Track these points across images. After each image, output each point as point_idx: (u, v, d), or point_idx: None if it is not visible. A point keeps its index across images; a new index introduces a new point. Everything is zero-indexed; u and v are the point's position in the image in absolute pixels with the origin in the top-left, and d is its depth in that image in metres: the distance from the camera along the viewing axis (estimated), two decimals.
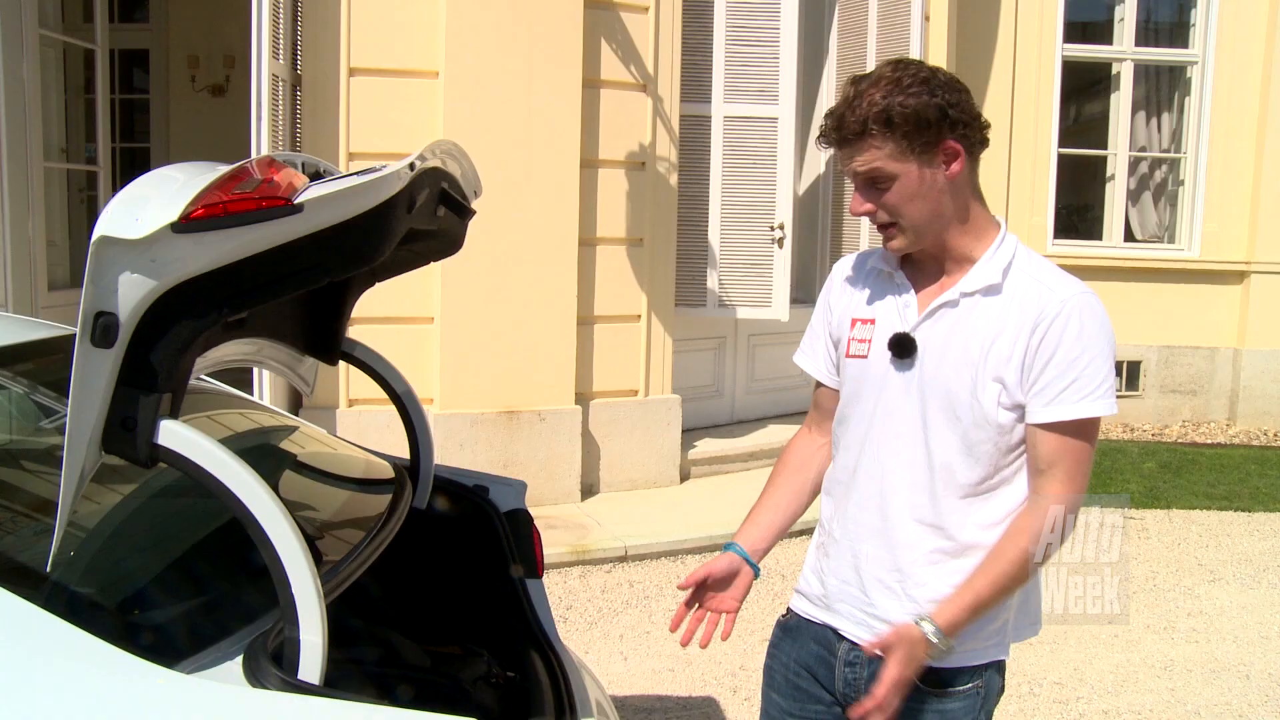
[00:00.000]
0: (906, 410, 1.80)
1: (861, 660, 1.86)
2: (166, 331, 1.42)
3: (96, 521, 1.68)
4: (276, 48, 5.23)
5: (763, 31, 6.33)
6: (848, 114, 1.73)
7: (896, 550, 1.81)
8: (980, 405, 1.74)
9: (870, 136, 1.71)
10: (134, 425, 1.42)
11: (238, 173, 1.44)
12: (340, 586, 1.67)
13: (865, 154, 1.72)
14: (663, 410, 6.20)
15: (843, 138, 1.74)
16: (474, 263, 5.59)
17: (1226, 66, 8.66)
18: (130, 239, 1.34)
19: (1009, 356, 1.73)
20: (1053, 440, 1.74)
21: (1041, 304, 1.74)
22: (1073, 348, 1.71)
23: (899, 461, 1.81)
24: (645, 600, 4.85)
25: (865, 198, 1.77)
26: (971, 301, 1.78)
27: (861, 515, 1.85)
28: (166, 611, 1.58)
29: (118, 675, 1.34)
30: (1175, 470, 7.39)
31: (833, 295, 1.97)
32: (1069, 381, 1.71)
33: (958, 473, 1.77)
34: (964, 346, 1.76)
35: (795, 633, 1.98)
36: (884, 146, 1.71)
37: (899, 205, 1.75)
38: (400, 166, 1.55)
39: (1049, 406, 1.72)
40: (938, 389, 1.77)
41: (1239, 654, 4.42)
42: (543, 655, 2.25)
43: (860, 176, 1.75)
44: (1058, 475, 1.74)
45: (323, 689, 1.44)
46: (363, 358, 2.38)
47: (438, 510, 2.39)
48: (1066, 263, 7.94)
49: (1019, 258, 1.81)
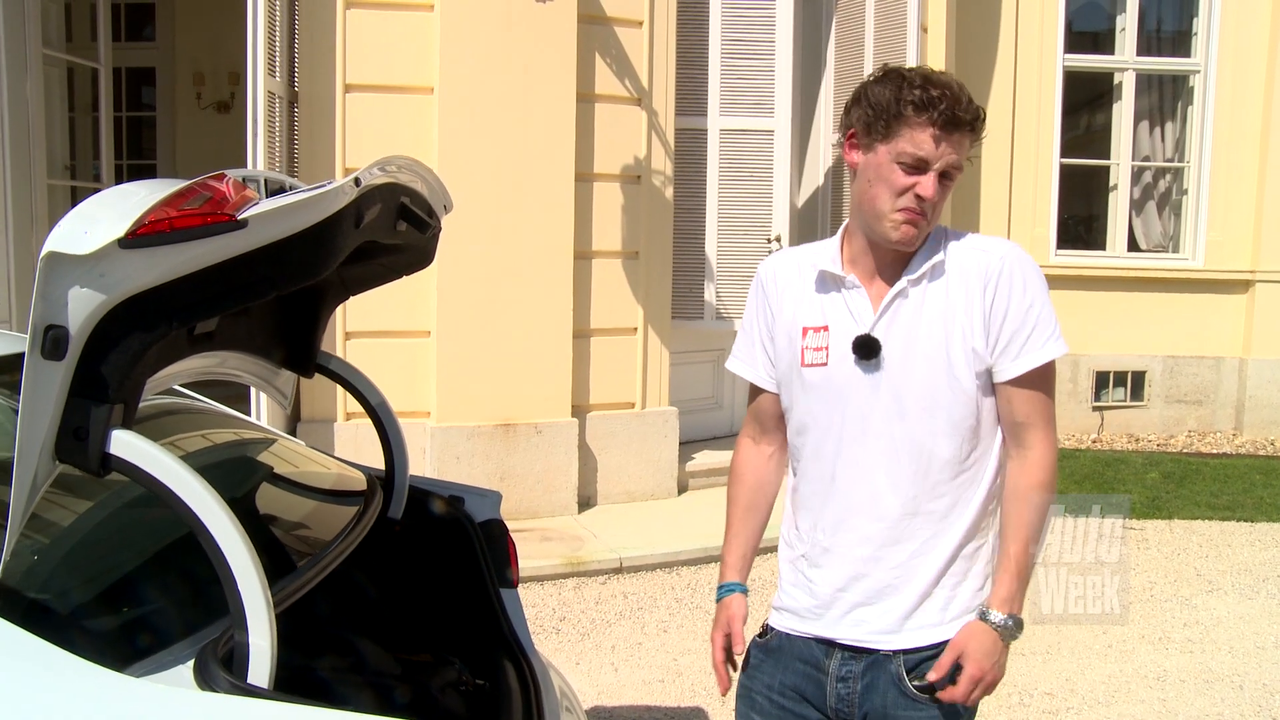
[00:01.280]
0: (880, 410, 1.81)
1: (854, 674, 1.85)
2: (117, 344, 1.46)
3: (51, 529, 1.72)
4: (273, 65, 5.30)
5: (758, 44, 6.37)
6: (970, 104, 1.74)
7: (895, 547, 1.82)
8: (960, 383, 1.78)
9: (974, 131, 1.75)
10: (86, 435, 1.46)
11: (187, 190, 1.47)
12: (297, 593, 1.70)
13: (964, 145, 1.75)
14: (659, 423, 6.22)
15: (959, 121, 1.73)
16: (470, 276, 5.65)
17: (1229, 75, 8.65)
18: (78, 254, 1.37)
19: (971, 325, 1.77)
20: (1024, 392, 1.80)
21: (984, 266, 1.79)
22: (1023, 298, 1.78)
23: (883, 461, 1.82)
24: (639, 612, 4.86)
25: (934, 185, 1.75)
26: (920, 289, 1.81)
27: (851, 521, 1.85)
28: (118, 617, 1.62)
29: (66, 678, 1.37)
30: (1178, 480, 7.36)
31: (770, 299, 1.94)
32: (1029, 330, 1.78)
33: (947, 454, 1.80)
34: (929, 332, 1.79)
35: (778, 653, 1.94)
36: (968, 142, 1.76)
37: (943, 198, 1.78)
38: (345, 182, 1.59)
39: (1018, 360, 1.78)
40: (911, 380, 1.79)
41: (1233, 664, 4.40)
42: (515, 664, 2.27)
43: (950, 165, 1.75)
44: (1037, 423, 1.81)
45: (271, 692, 1.46)
46: (338, 370, 2.41)
47: (414, 521, 2.42)
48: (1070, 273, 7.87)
49: (950, 236, 1.85)
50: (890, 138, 1.75)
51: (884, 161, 1.76)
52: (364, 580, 2.38)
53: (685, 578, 5.29)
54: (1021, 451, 1.82)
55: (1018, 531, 1.80)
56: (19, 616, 1.43)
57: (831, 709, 1.88)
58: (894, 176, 1.75)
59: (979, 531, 1.85)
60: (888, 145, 1.75)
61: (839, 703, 1.87)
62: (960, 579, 1.84)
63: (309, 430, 5.65)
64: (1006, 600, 1.79)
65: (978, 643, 1.78)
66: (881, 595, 1.84)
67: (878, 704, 1.83)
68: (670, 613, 4.86)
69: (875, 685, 1.84)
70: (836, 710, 1.88)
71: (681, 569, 5.37)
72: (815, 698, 1.89)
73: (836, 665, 1.87)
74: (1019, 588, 1.80)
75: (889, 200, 1.76)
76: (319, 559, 1.83)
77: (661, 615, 4.82)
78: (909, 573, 1.82)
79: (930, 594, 1.83)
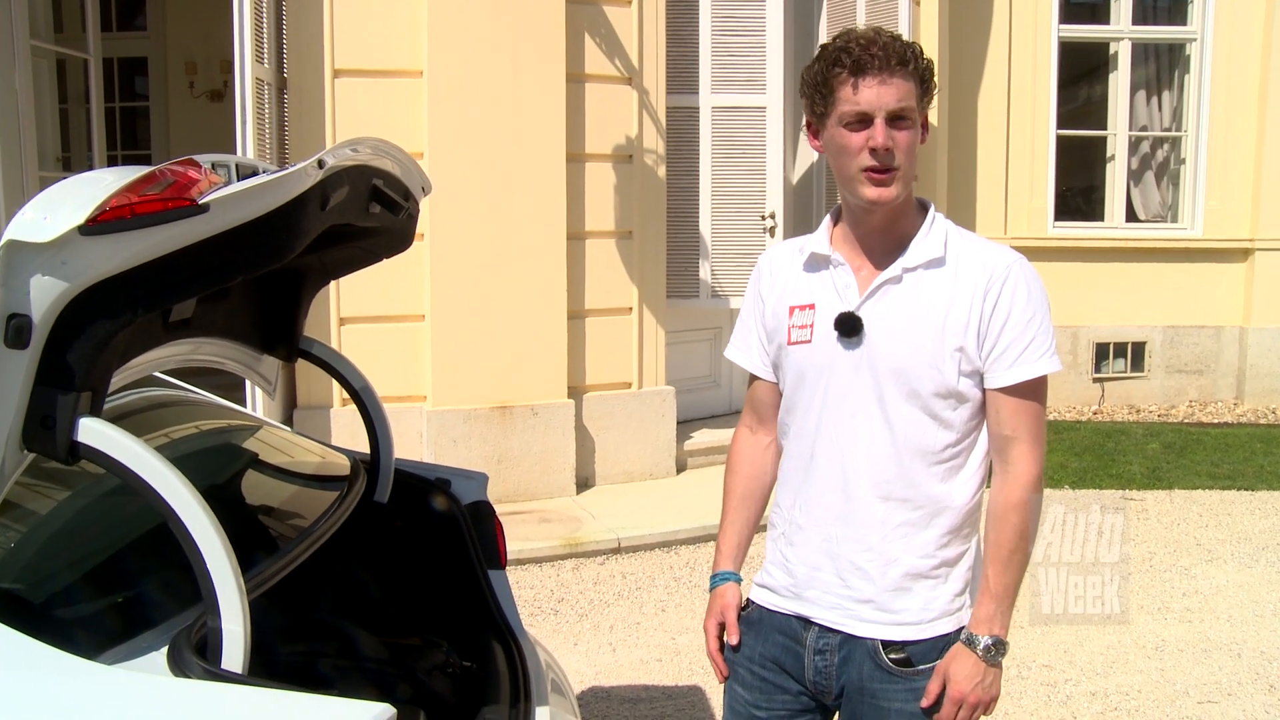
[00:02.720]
0: (859, 389, 1.80)
1: (831, 647, 1.86)
2: (82, 332, 1.46)
3: (23, 518, 1.72)
4: (261, 51, 5.27)
5: (749, 21, 6.34)
6: (890, 44, 1.72)
7: (865, 529, 1.82)
8: (942, 376, 1.76)
9: (905, 69, 1.72)
10: (53, 424, 1.46)
11: (151, 175, 1.47)
12: (273, 578, 1.70)
13: (903, 87, 1.72)
14: (657, 402, 6.22)
15: (885, 62, 1.70)
16: (463, 259, 5.64)
17: (1225, 43, 8.58)
18: (39, 242, 1.37)
19: (965, 324, 1.75)
20: (1014, 403, 1.78)
21: (988, 270, 1.77)
22: (1025, 309, 1.76)
23: (858, 441, 1.81)
24: (636, 591, 4.87)
25: (885, 132, 1.72)
26: (915, 276, 1.79)
27: (824, 499, 1.85)
28: (90, 605, 1.62)
29: (37, 667, 1.38)
30: (1179, 450, 7.35)
31: (763, 286, 1.95)
32: (1027, 342, 1.76)
33: (925, 442, 1.79)
34: (916, 322, 1.77)
35: (758, 626, 1.96)
36: (912, 86, 1.73)
37: (907, 150, 1.74)
38: (308, 164, 1.58)
39: (1012, 369, 1.76)
40: (890, 365, 1.78)
41: (1232, 633, 4.41)
42: (504, 645, 2.28)
43: (890, 111, 1.72)
44: (1024, 437, 1.79)
45: (245, 677, 1.47)
46: (320, 355, 2.41)
47: (400, 504, 2.42)
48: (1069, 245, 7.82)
49: (951, 231, 1.83)
50: (830, 107, 1.75)
51: (835, 131, 1.76)
52: (351, 565, 2.39)
53: (684, 557, 5.29)
54: (1004, 468, 1.80)
55: (995, 551, 1.79)
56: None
57: (810, 681, 1.89)
58: (846, 140, 1.75)
59: (961, 536, 1.84)
60: (832, 115, 1.76)
61: (816, 675, 1.88)
62: (941, 581, 1.83)
63: (305, 416, 5.66)
64: (984, 621, 1.79)
65: (959, 665, 1.78)
66: (853, 577, 1.83)
67: (854, 677, 1.84)
68: (669, 592, 4.86)
69: (852, 658, 1.84)
70: (814, 683, 1.88)
71: (680, 548, 5.38)
72: (794, 669, 1.91)
73: (814, 639, 1.88)
74: (996, 608, 1.78)
75: (852, 164, 1.75)
76: (296, 543, 1.84)
77: (660, 595, 4.83)
78: (881, 558, 1.81)
79: (908, 589, 1.81)
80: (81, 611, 1.59)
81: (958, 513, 1.82)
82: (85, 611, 1.60)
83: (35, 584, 1.61)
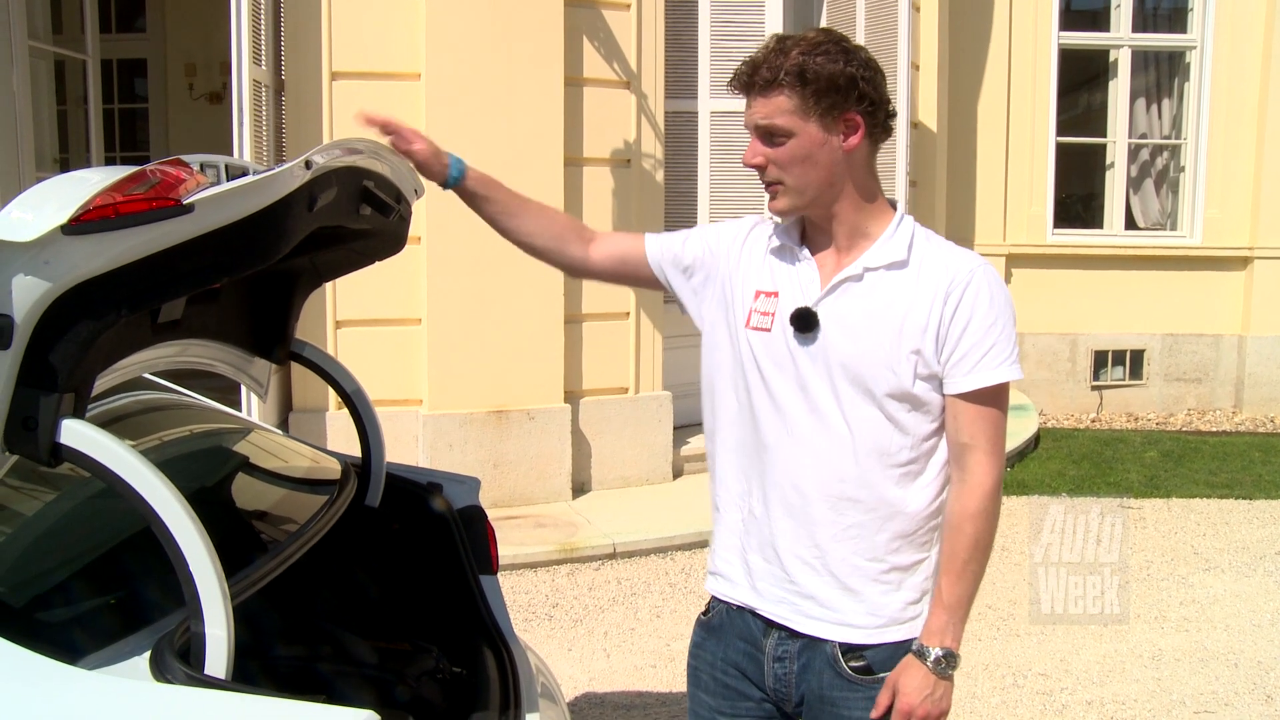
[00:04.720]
0: (816, 385, 1.79)
1: (790, 654, 1.84)
2: (65, 332, 1.44)
3: (5, 521, 1.70)
4: (258, 53, 5.26)
5: (749, 25, 6.33)
6: (765, 63, 1.75)
7: (814, 526, 1.80)
8: (898, 378, 1.75)
9: (780, 88, 1.73)
10: (35, 425, 1.44)
11: (136, 175, 1.45)
12: (259, 582, 1.68)
13: (770, 105, 1.75)
14: (653, 407, 6.20)
15: (753, 83, 1.76)
16: (461, 263, 5.62)
17: (1225, 51, 8.59)
18: (21, 241, 1.35)
19: (924, 327, 1.74)
20: (973, 410, 1.76)
21: (950, 274, 1.75)
22: (986, 315, 1.74)
23: (815, 437, 1.79)
24: (632, 597, 4.85)
25: (758, 149, 1.78)
26: (876, 276, 1.78)
27: (779, 493, 1.83)
28: (72, 609, 1.60)
29: (18, 672, 1.36)
30: (1177, 459, 7.34)
31: (735, 243, 1.93)
32: (987, 348, 1.74)
33: (881, 444, 1.77)
34: (873, 321, 1.76)
35: (719, 631, 1.94)
36: (790, 101, 1.73)
37: (788, 164, 1.76)
38: (295, 164, 1.56)
39: (970, 375, 1.74)
40: (845, 364, 1.76)
41: (1229, 642, 4.39)
42: (495, 651, 2.26)
43: (760, 129, 1.77)
44: (981, 445, 1.76)
45: (228, 683, 1.45)
46: (311, 358, 2.39)
47: (392, 509, 2.41)
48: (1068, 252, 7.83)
49: (918, 234, 1.82)
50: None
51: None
52: (342, 569, 2.37)
53: (679, 562, 5.27)
54: (961, 476, 1.78)
55: (949, 562, 1.77)
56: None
57: (770, 689, 1.88)
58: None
59: (915, 543, 1.81)
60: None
61: (776, 683, 1.86)
62: (893, 587, 1.80)
63: (301, 420, 5.64)
64: (936, 633, 1.76)
65: (908, 677, 1.76)
66: (800, 573, 1.81)
67: (814, 685, 1.82)
68: (664, 598, 4.85)
69: (811, 666, 1.83)
70: (774, 690, 1.87)
71: (676, 554, 5.36)
72: (755, 676, 1.89)
73: (773, 645, 1.86)
74: (949, 620, 1.76)
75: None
76: (283, 548, 1.82)
77: (655, 600, 4.81)
78: (830, 556, 1.79)
79: (855, 591, 1.79)
80: (63, 615, 1.57)
81: (911, 519, 1.80)
82: (67, 615, 1.58)
83: (16, 587, 1.59)
